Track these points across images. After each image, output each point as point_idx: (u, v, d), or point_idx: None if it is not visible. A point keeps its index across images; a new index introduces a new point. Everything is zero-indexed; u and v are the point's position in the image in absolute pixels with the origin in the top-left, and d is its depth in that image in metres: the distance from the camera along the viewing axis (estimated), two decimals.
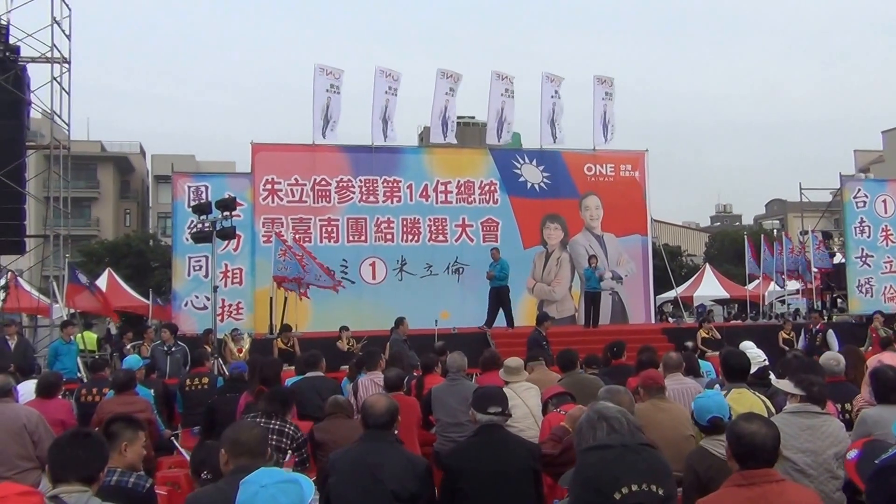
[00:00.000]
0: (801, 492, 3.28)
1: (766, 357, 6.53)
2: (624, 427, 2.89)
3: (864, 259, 20.87)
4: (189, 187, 18.36)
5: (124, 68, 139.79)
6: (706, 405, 4.33)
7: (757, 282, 27.97)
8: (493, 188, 20.49)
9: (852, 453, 2.42)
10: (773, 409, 4.99)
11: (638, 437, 2.56)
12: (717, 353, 9.18)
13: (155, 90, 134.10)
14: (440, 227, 19.99)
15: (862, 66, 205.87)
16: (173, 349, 13.84)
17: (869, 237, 21.01)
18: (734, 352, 5.86)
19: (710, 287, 32.72)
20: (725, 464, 3.33)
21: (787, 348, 15.43)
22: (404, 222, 19.77)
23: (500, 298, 16.93)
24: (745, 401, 5.02)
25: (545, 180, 20.88)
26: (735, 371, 5.51)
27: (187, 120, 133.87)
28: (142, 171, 61.32)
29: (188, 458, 6.32)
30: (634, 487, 1.65)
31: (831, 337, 15.49)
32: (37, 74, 17.78)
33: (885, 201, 21.29)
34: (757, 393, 5.28)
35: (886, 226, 21.16)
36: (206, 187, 18.19)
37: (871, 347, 14.11)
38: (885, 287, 20.86)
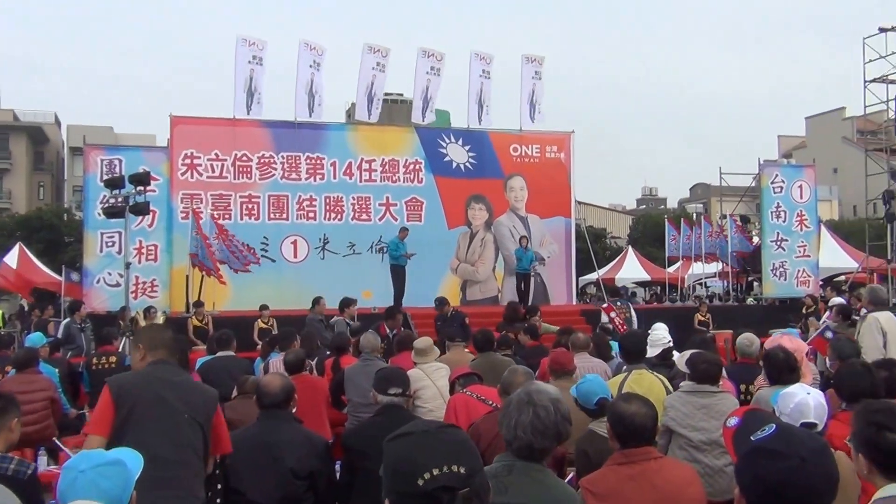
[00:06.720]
0: (678, 468, 3.42)
1: (670, 339, 6.66)
2: (551, 416, 2.83)
3: (778, 243, 21.38)
4: (102, 161, 17.63)
5: (41, 37, 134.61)
6: (590, 389, 4.39)
7: (677, 264, 28.63)
8: (418, 167, 20.32)
9: (732, 421, 2.42)
10: (671, 389, 5.10)
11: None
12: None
13: (72, 60, 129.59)
14: (364, 206, 19.74)
15: (789, 54, 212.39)
16: (84, 326, 13.54)
17: (784, 222, 21.49)
18: (630, 334, 5.98)
19: (632, 269, 33.34)
20: None
21: (703, 329, 15.83)
22: (327, 200, 19.45)
23: (402, 278, 16.80)
24: (643, 381, 5.14)
25: (471, 160, 20.79)
26: (633, 353, 5.62)
27: (107, 91, 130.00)
28: (57, 142, 59.37)
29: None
30: (436, 471, 1.62)
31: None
32: None
33: (801, 187, 21.82)
34: (655, 373, 5.38)
35: (801, 211, 21.67)
36: (121, 161, 17.54)
37: None
38: (798, 271, 21.43)
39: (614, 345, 7.87)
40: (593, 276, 28.25)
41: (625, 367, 5.87)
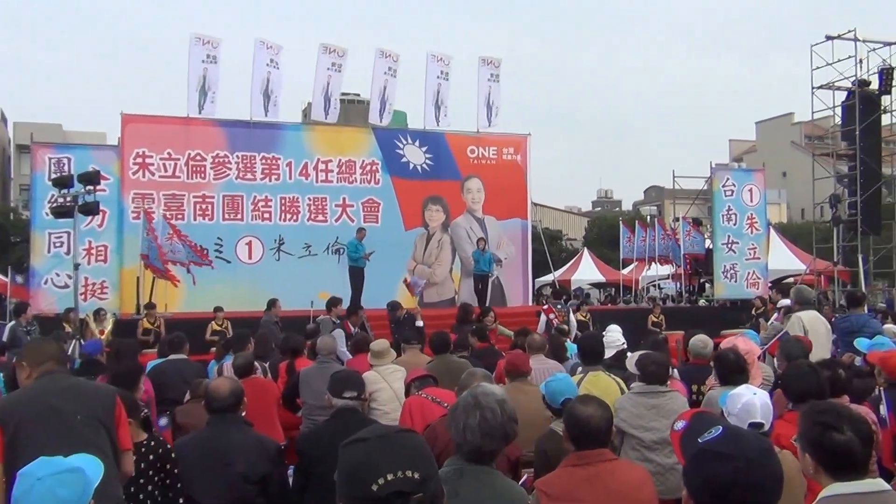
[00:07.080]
0: (631, 469, 3.47)
1: (624, 341, 6.74)
2: (498, 418, 2.84)
3: (729, 245, 21.75)
4: (50, 159, 17.22)
5: None
6: (558, 388, 4.43)
7: (632, 266, 28.98)
8: (374, 168, 20.24)
9: (679, 424, 2.45)
10: (626, 390, 5.15)
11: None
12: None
13: (19, 55, 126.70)
14: (320, 207, 19.61)
15: (743, 59, 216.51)
16: (30, 329, 13.20)
17: (735, 224, 21.86)
18: (589, 336, 6.04)
19: (587, 271, 33.65)
20: None
21: (656, 330, 16.04)
22: (283, 201, 19.27)
23: (360, 278, 16.72)
24: (600, 383, 5.20)
25: (427, 161, 20.78)
26: (590, 354, 5.66)
27: (55, 88, 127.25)
28: (3, 139, 57.87)
29: None
30: (390, 476, 1.63)
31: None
32: None
33: (750, 190, 22.21)
34: (612, 375, 5.44)
35: (752, 214, 22.05)
36: (70, 159, 17.14)
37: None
38: (748, 273, 21.82)
39: (571, 347, 7.94)
40: (549, 277, 28.49)
41: (580, 369, 5.92)
